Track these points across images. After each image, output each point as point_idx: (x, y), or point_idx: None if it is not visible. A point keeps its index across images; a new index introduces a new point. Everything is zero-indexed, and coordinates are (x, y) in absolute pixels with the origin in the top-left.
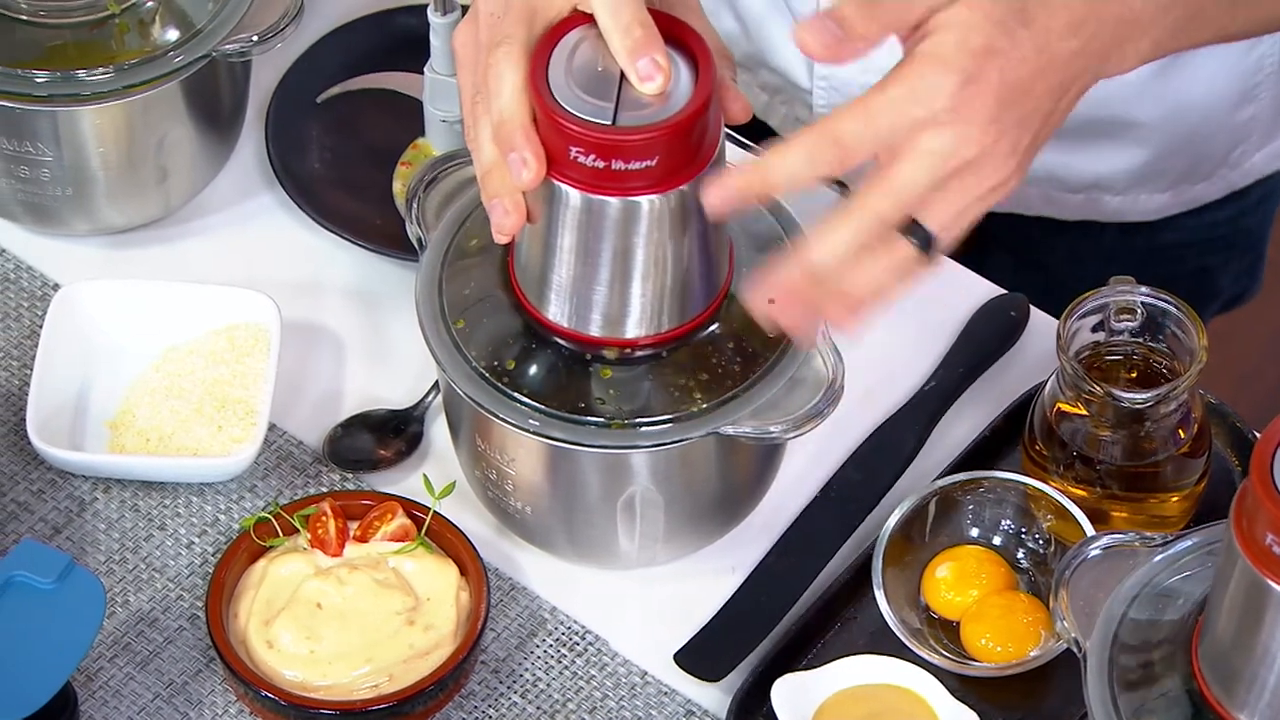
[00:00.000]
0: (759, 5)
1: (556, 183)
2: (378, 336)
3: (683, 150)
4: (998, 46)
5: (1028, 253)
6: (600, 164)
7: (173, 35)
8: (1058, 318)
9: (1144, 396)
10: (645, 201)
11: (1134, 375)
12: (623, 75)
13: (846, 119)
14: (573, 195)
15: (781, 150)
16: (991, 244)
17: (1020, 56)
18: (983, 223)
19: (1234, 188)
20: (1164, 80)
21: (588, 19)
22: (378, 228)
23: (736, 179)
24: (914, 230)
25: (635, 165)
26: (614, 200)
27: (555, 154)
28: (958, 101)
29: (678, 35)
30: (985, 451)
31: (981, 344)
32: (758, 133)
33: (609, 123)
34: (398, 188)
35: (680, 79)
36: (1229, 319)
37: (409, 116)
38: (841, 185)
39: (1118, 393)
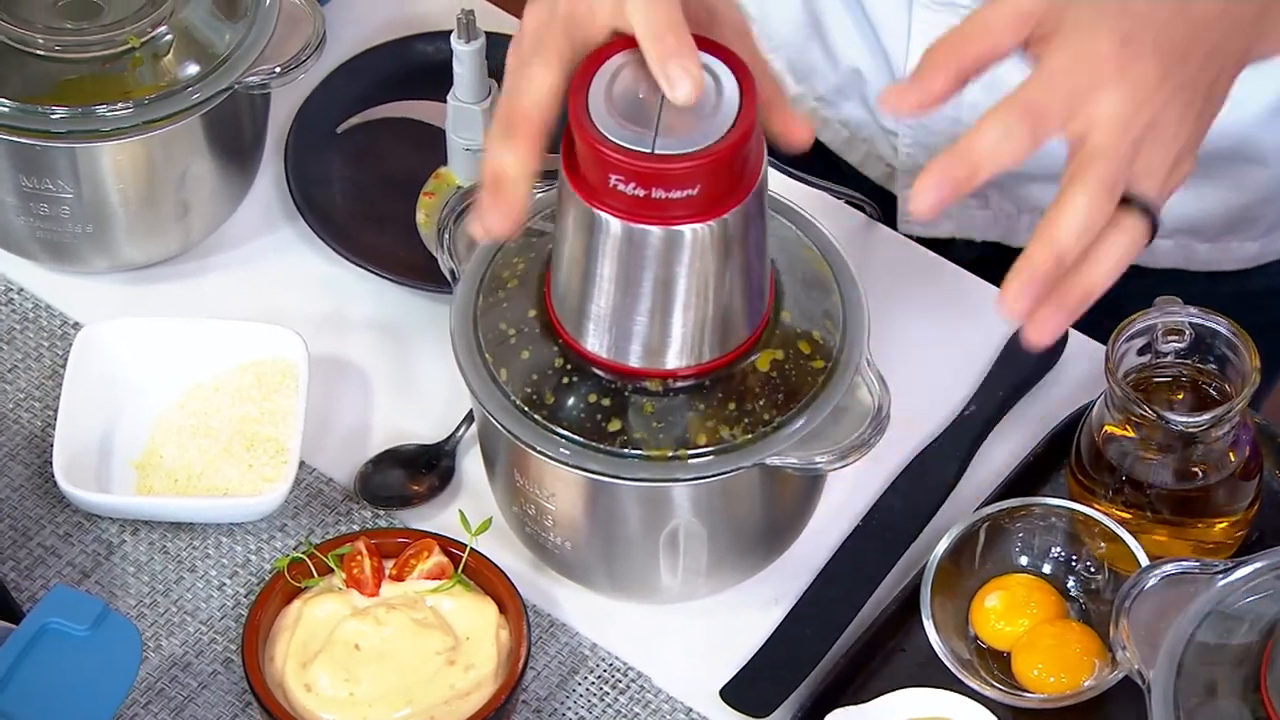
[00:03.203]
0: (851, 39)
1: (597, 211)
2: (404, 369)
3: (725, 178)
4: (1134, 8)
5: (1111, 302)
6: (641, 192)
7: (187, 67)
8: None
9: (1198, 420)
10: (687, 230)
11: (1180, 396)
12: (662, 102)
13: (1030, 87)
14: (613, 224)
15: (978, 131)
16: None
17: (1163, 19)
18: None
19: None
20: None
21: (628, 44)
22: (401, 259)
23: (940, 174)
24: (1134, 201)
25: (677, 194)
26: (655, 229)
27: (596, 182)
28: (1122, 60)
29: (722, 60)
30: (1029, 477)
31: (1021, 367)
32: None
33: (649, 150)
34: (421, 218)
35: (723, 105)
36: None
37: (430, 145)
38: (873, 206)
39: (1171, 416)
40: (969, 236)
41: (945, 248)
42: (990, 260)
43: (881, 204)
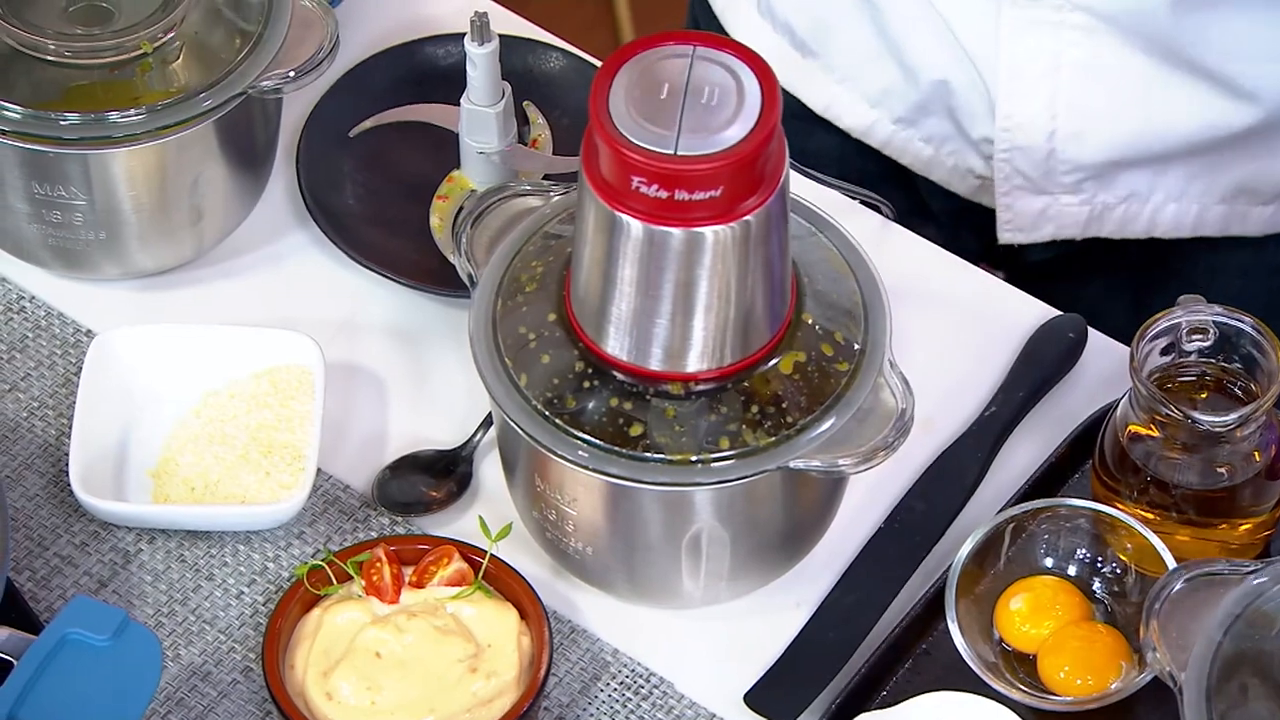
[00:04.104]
0: (933, 52)
1: (618, 213)
2: (420, 374)
3: (748, 179)
4: None
5: (1202, 275)
6: (663, 194)
7: (197, 72)
8: None
9: (1225, 419)
10: (709, 232)
11: (1204, 396)
12: (684, 103)
13: None
14: (634, 226)
15: None
16: (1165, 273)
17: None
18: (1159, 251)
19: None
20: None
21: (649, 44)
22: (415, 263)
23: None
24: None
25: (699, 195)
26: (677, 231)
27: (617, 184)
28: None
29: (744, 61)
30: (1052, 478)
31: (1041, 367)
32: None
33: (671, 151)
34: (435, 222)
35: (745, 106)
36: None
37: (443, 149)
38: (889, 206)
39: (1197, 415)
40: (1069, 236)
41: (1043, 247)
42: (1081, 254)
43: (973, 219)
